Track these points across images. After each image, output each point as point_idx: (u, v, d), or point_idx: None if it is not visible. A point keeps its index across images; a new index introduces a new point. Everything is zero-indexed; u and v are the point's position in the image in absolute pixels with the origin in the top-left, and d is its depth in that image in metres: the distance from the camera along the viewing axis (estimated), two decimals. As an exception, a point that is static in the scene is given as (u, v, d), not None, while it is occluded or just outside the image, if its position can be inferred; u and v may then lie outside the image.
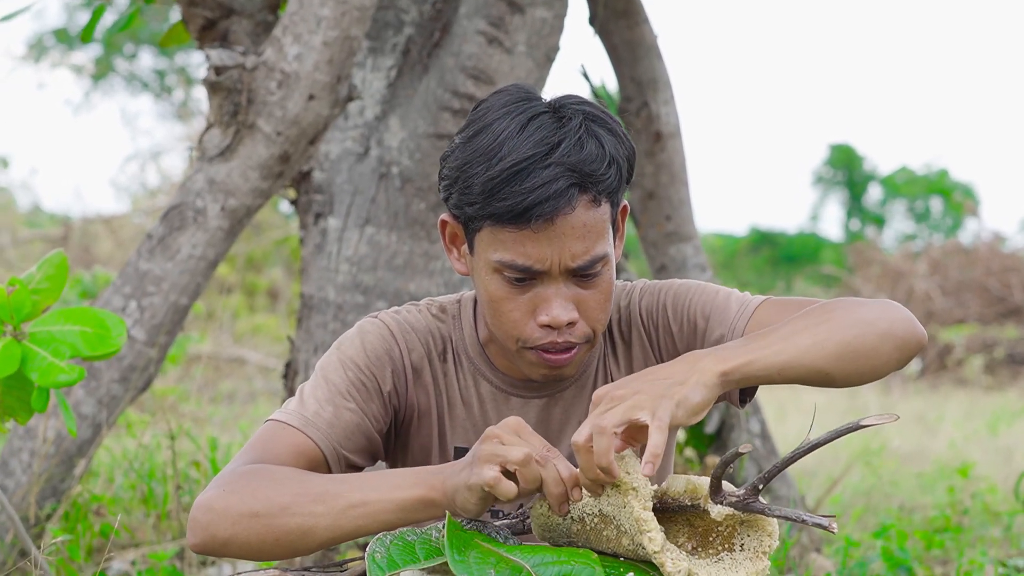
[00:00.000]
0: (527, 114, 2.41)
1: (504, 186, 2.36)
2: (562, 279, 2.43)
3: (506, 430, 2.21)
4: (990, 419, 11.04)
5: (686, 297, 2.65)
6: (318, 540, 2.30)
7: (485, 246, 2.44)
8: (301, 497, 2.29)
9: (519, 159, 2.36)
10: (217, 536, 2.31)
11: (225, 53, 4.34)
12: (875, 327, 2.37)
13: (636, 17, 5.58)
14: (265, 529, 2.29)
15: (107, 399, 4.41)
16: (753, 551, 2.24)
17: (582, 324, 2.47)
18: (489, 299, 2.48)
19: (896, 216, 38.08)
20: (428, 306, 2.71)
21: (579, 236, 2.39)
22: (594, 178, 2.38)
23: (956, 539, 5.54)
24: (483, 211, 2.39)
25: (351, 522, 2.28)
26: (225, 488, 2.35)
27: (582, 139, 2.39)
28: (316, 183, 5.06)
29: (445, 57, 4.97)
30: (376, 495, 2.27)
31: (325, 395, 2.53)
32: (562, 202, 2.35)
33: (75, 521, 4.49)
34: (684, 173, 5.68)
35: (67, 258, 3.37)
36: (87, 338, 3.29)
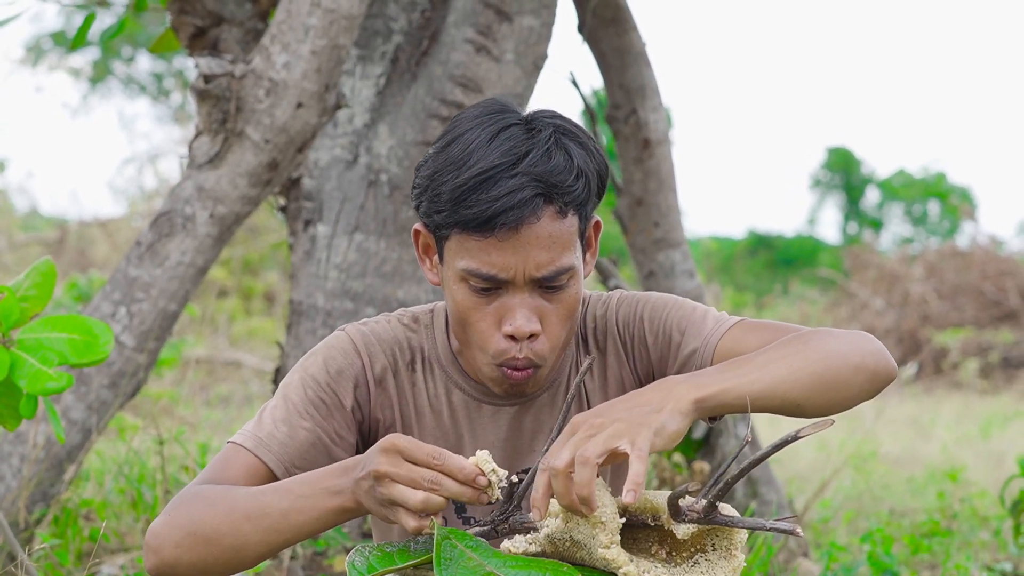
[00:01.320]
0: (498, 125, 2.44)
1: (471, 194, 2.38)
2: (527, 289, 2.45)
3: (391, 462, 2.22)
4: (983, 423, 11.04)
5: (663, 310, 2.67)
6: (252, 556, 2.37)
7: (453, 254, 2.47)
8: (230, 516, 2.36)
9: (486, 167, 2.38)
10: (165, 560, 2.39)
11: (214, 61, 4.37)
12: (848, 359, 2.41)
13: (624, 25, 5.60)
14: (204, 550, 2.37)
15: (97, 405, 4.43)
16: (725, 548, 2.27)
17: (542, 340, 2.49)
18: (456, 308, 2.51)
19: (893, 219, 38.09)
20: (400, 316, 2.73)
21: (544, 246, 2.41)
22: (560, 189, 2.41)
23: (944, 544, 5.56)
24: (450, 219, 2.41)
25: (279, 536, 2.35)
26: (169, 512, 2.42)
27: (550, 150, 2.41)
28: (305, 190, 5.08)
29: (433, 65, 4.99)
30: (297, 506, 2.32)
31: (282, 415, 2.57)
32: (527, 211, 2.38)
33: (64, 526, 4.51)
34: (672, 180, 5.69)
35: (55, 265, 3.39)
36: (75, 345, 3.30)
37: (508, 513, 2.37)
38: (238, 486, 2.43)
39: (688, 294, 5.61)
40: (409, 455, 2.21)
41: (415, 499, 2.19)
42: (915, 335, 16.36)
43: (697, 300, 5.58)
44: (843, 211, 38.58)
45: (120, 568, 4.48)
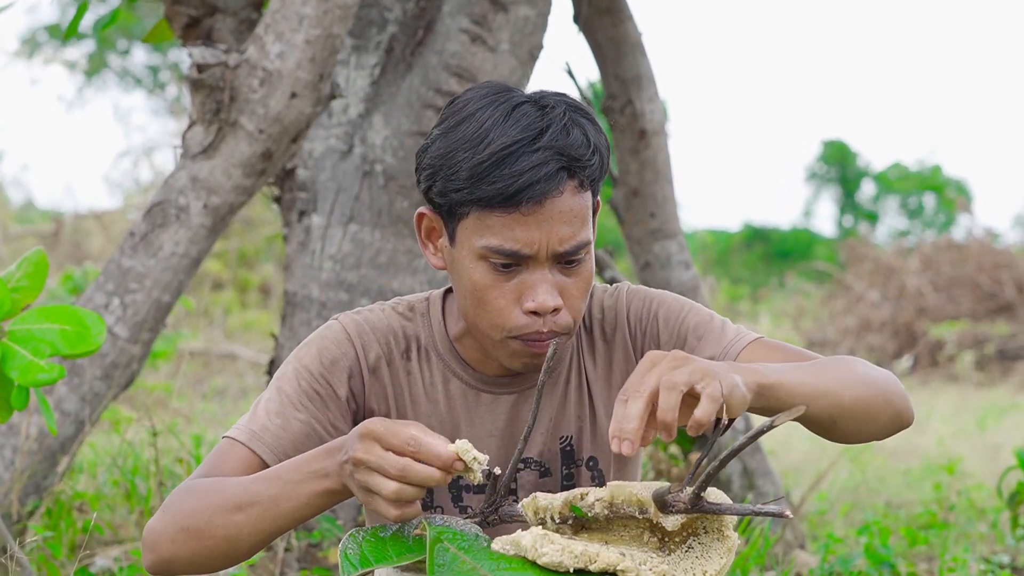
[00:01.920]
0: (509, 103, 2.44)
1: (493, 170, 2.37)
2: (548, 265, 2.44)
3: (365, 448, 2.19)
4: (979, 415, 11.03)
5: (680, 312, 2.67)
6: (245, 546, 2.35)
7: (470, 233, 2.45)
8: (222, 507, 2.34)
9: (507, 143, 2.38)
10: (162, 556, 2.38)
11: (207, 51, 4.35)
12: (883, 393, 2.44)
13: (620, 14, 5.57)
14: (198, 543, 2.35)
15: (90, 396, 4.41)
16: (716, 530, 2.25)
17: (564, 313, 2.48)
18: (473, 288, 2.48)
19: (889, 212, 38.11)
20: (395, 305, 2.71)
21: (566, 220, 2.41)
22: (581, 163, 2.41)
23: (941, 536, 5.55)
24: (471, 196, 2.40)
25: (271, 524, 2.33)
26: (164, 509, 2.41)
27: (567, 126, 2.42)
28: (300, 181, 5.06)
29: (428, 55, 4.97)
30: (286, 492, 2.30)
31: (276, 407, 2.55)
32: (551, 185, 2.37)
33: (57, 518, 4.49)
34: (668, 170, 5.68)
35: (47, 256, 3.38)
36: (67, 336, 3.30)
37: (497, 504, 2.35)
38: (230, 478, 2.41)
39: (684, 285, 5.59)
40: (385, 442, 2.17)
41: (388, 489, 2.16)
42: (911, 328, 16.35)
43: (693, 291, 5.59)
44: (839, 204, 38.60)
45: (114, 560, 4.46)
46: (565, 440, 2.70)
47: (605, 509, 2.24)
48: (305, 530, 4.77)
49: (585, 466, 2.72)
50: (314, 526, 4.76)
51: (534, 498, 2.29)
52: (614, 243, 12.40)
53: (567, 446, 2.70)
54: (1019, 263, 17.02)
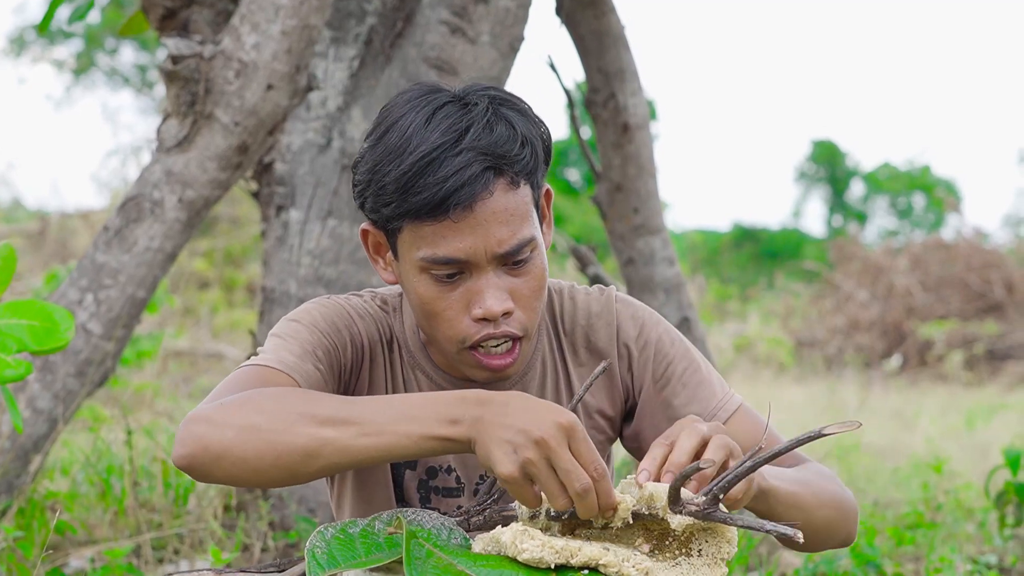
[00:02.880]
0: (432, 106, 2.35)
1: (417, 179, 2.30)
2: (491, 268, 2.36)
3: (559, 440, 2.06)
4: (967, 415, 11.02)
5: (670, 351, 2.63)
6: (318, 465, 2.15)
7: (408, 246, 2.38)
8: (310, 416, 2.14)
9: (429, 149, 2.30)
10: (210, 448, 2.14)
11: (182, 42, 4.29)
12: (845, 520, 2.54)
13: (603, 7, 5.51)
14: (266, 445, 2.13)
15: (63, 393, 4.35)
16: (711, 557, 2.18)
17: (518, 315, 2.40)
18: (420, 302, 2.41)
19: (878, 212, 38.21)
20: (372, 297, 2.64)
21: (502, 221, 2.34)
22: (508, 159, 2.33)
23: (928, 536, 5.50)
24: (400, 209, 2.32)
25: (362, 450, 2.13)
26: (224, 402, 2.20)
27: (491, 122, 2.34)
28: (278, 175, 4.99)
29: (408, 47, 4.90)
30: (400, 424, 2.12)
31: (298, 351, 2.41)
32: (478, 187, 2.30)
33: (30, 518, 4.42)
34: (652, 165, 5.61)
35: (15, 251, 3.31)
36: (35, 332, 3.23)
37: (486, 506, 2.30)
38: (315, 391, 2.24)
39: (668, 281, 5.54)
40: (576, 449, 2.06)
41: (558, 499, 2.07)
42: (900, 327, 16.35)
43: (677, 288, 5.54)
44: (828, 204, 38.71)
45: (88, 561, 4.40)
46: None
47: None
48: (283, 530, 4.72)
49: None
50: (291, 525, 4.71)
51: None
52: (600, 242, 12.39)
53: None
54: (1008, 263, 17.06)
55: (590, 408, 2.65)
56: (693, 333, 5.44)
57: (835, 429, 2.05)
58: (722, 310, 20.25)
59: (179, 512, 4.71)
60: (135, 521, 4.54)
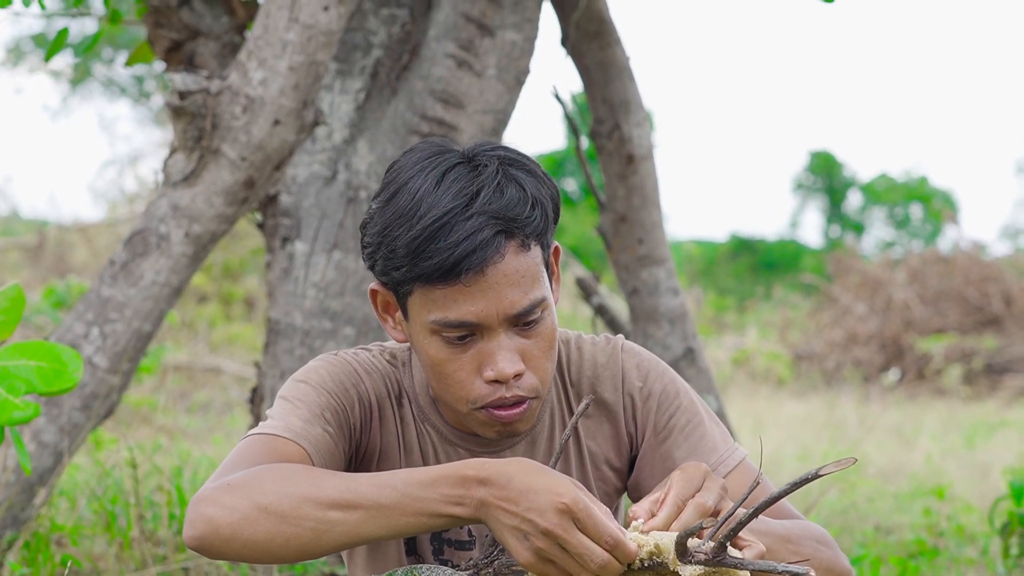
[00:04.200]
0: (441, 168, 2.35)
1: (428, 244, 2.30)
2: (503, 330, 2.37)
3: (564, 527, 2.09)
4: (968, 432, 11.00)
5: (673, 403, 2.63)
6: (330, 545, 2.18)
7: (419, 309, 2.38)
8: (315, 499, 2.16)
9: (440, 214, 2.30)
10: (220, 531, 2.17)
11: (189, 78, 4.28)
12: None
13: (608, 38, 5.51)
14: (275, 528, 2.16)
15: (68, 427, 4.34)
16: None
17: (528, 376, 2.40)
18: (431, 363, 2.41)
19: (876, 223, 38.18)
20: (380, 351, 2.63)
21: (513, 283, 2.34)
22: (519, 222, 2.33)
23: (931, 563, 5.50)
24: (411, 273, 2.33)
25: (372, 531, 2.16)
26: (231, 483, 2.21)
27: (501, 184, 2.34)
28: (283, 207, 4.99)
29: (414, 80, 4.90)
30: (403, 505, 2.15)
31: (306, 415, 2.42)
32: (490, 251, 2.30)
33: (35, 551, 4.42)
34: (656, 195, 5.61)
35: (23, 291, 3.31)
36: (43, 373, 3.22)
37: (493, 557, 2.30)
38: (322, 469, 2.25)
39: (672, 312, 5.53)
40: (584, 527, 2.09)
41: (574, 571, 2.11)
42: (898, 341, 16.33)
43: (682, 318, 5.54)
44: (825, 215, 38.66)
45: (93, 594, 4.40)
46: None
47: None
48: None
49: None
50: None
51: None
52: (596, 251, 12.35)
53: None
54: (1006, 276, 17.03)
55: (597, 459, 2.65)
56: (698, 364, 5.44)
57: (832, 469, 2.07)
58: (719, 322, 20.23)
59: (184, 545, 4.70)
60: (140, 554, 4.53)
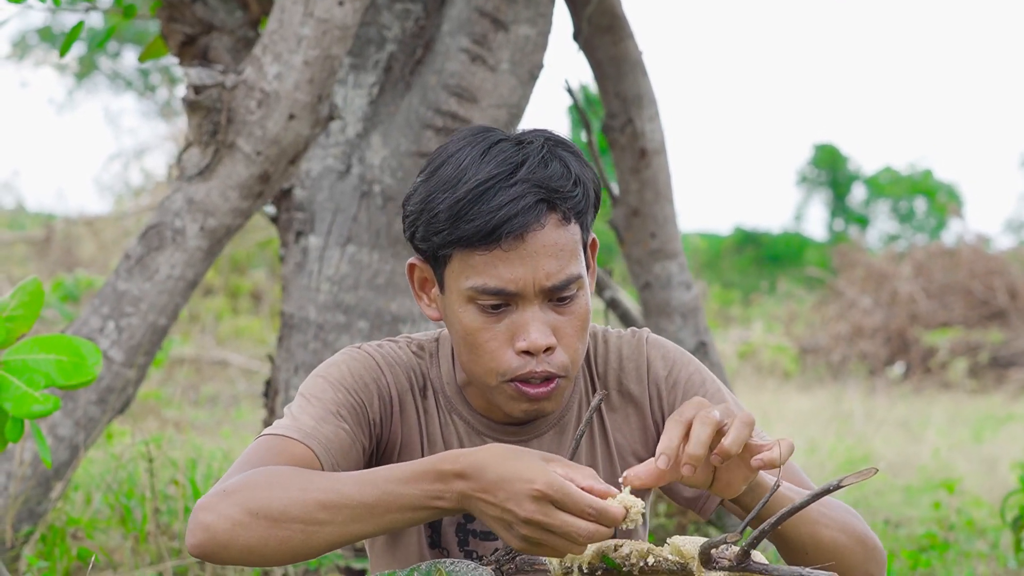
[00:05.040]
0: (487, 142, 2.39)
1: (470, 207, 2.33)
2: (538, 302, 2.38)
3: (543, 511, 2.09)
4: (975, 426, 11.00)
5: (700, 389, 2.64)
6: (322, 545, 2.20)
7: (456, 276, 2.40)
8: (303, 500, 2.19)
9: (483, 179, 2.33)
10: (217, 537, 2.20)
11: (204, 72, 4.29)
12: (865, 547, 2.48)
13: (620, 33, 5.51)
14: (268, 532, 2.19)
15: (84, 421, 4.35)
16: None
17: (560, 352, 2.41)
18: (464, 333, 2.42)
19: (880, 216, 38.15)
20: (407, 343, 2.64)
21: (551, 255, 2.36)
22: (561, 195, 2.36)
23: (942, 557, 5.51)
24: (451, 236, 2.35)
25: (359, 529, 2.19)
26: (227, 488, 2.24)
27: (545, 158, 2.37)
28: (297, 201, 5.00)
29: (428, 74, 4.91)
30: (386, 502, 2.17)
31: (320, 413, 2.43)
32: (531, 217, 2.33)
33: (52, 545, 4.43)
34: (669, 190, 5.62)
35: (42, 284, 3.32)
36: (62, 367, 3.23)
37: (515, 553, 2.30)
38: (310, 470, 2.27)
39: (684, 306, 5.54)
40: (563, 506, 2.08)
41: (577, 550, 2.11)
42: (903, 334, 16.33)
43: (694, 312, 5.54)
44: (829, 208, 38.63)
45: (109, 587, 4.41)
46: None
47: (640, 561, 2.20)
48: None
49: None
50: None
51: None
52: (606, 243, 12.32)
53: None
54: (1011, 269, 17.01)
55: (624, 450, 2.66)
56: (710, 358, 5.44)
57: (853, 479, 2.08)
58: (725, 315, 20.22)
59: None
60: (156, 548, 4.54)
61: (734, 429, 2.17)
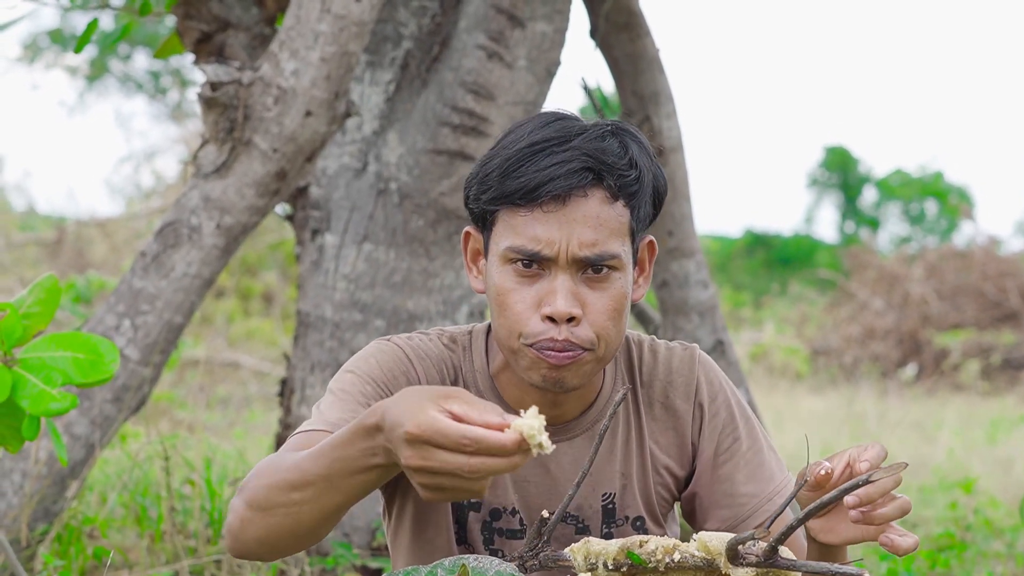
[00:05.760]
0: (554, 117, 2.43)
1: (519, 166, 2.36)
2: (570, 272, 2.38)
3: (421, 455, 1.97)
4: (989, 427, 10.99)
5: (736, 426, 2.64)
6: (307, 524, 2.20)
7: (498, 238, 2.42)
8: (278, 486, 2.20)
9: (536, 140, 2.37)
10: (235, 535, 2.27)
11: (221, 69, 4.27)
12: None
13: (637, 30, 5.49)
14: (263, 522, 2.22)
15: (100, 419, 4.33)
16: None
17: (585, 326, 2.40)
18: (496, 293, 2.43)
19: (891, 218, 38.11)
20: (439, 335, 2.63)
21: (591, 225, 2.36)
22: (611, 170, 2.36)
23: (960, 557, 5.48)
24: (498, 192, 2.38)
25: (329, 501, 2.15)
26: (240, 487, 2.29)
27: (604, 134, 2.39)
28: (313, 199, 4.98)
29: (444, 72, 4.89)
30: (337, 470, 2.12)
31: (348, 406, 2.44)
32: (574, 181, 2.34)
33: (67, 544, 4.41)
34: (686, 188, 5.59)
35: (58, 281, 3.30)
36: (79, 364, 3.21)
37: (538, 549, 2.28)
38: (287, 454, 2.27)
39: (702, 304, 5.52)
40: (438, 443, 1.95)
41: (469, 488, 1.99)
42: (915, 336, 16.30)
43: (711, 311, 5.52)
44: (840, 210, 38.59)
45: (125, 587, 4.39)
46: (607, 497, 2.61)
47: (666, 557, 2.18)
48: (319, 555, 4.70)
49: (631, 525, 2.63)
50: (328, 551, 4.69)
51: (586, 543, 2.23)
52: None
53: (609, 504, 2.62)
54: (1023, 271, 16.97)
55: (658, 463, 2.64)
56: (727, 357, 5.42)
57: (882, 474, 2.07)
58: (736, 318, 20.19)
59: (215, 538, 4.70)
60: (172, 546, 4.52)
61: (892, 507, 2.23)
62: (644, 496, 2.63)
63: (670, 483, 2.66)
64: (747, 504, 2.59)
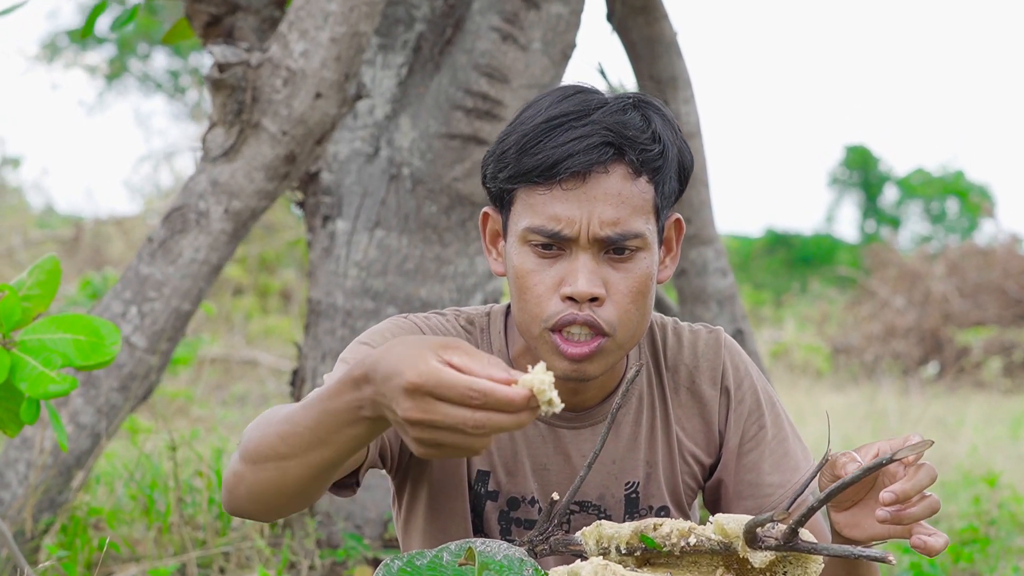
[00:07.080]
0: (574, 90, 2.35)
1: (537, 142, 2.28)
2: (591, 252, 2.29)
3: (421, 407, 1.84)
4: (1011, 424, 10.93)
5: (762, 412, 2.57)
6: (294, 479, 2.09)
7: (517, 219, 2.34)
8: (268, 437, 2.10)
9: (555, 115, 2.28)
10: (229, 490, 2.19)
11: (229, 50, 4.20)
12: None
13: (655, 13, 5.40)
14: (253, 476, 2.13)
15: (106, 408, 4.26)
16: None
17: (608, 307, 2.31)
18: (516, 276, 2.35)
19: (912, 217, 38.05)
20: (455, 316, 2.56)
21: (612, 203, 2.27)
22: (632, 144, 2.27)
23: (984, 551, 5.42)
24: (515, 170, 2.30)
25: (315, 454, 2.04)
26: (238, 447, 2.20)
27: (625, 107, 2.31)
28: (324, 184, 4.90)
29: (458, 54, 4.81)
30: (325, 422, 2.01)
31: None
32: (594, 157, 2.25)
33: (73, 535, 4.34)
34: (705, 174, 5.52)
35: (59, 263, 3.23)
36: (80, 346, 3.14)
37: (549, 533, 2.21)
38: (282, 406, 2.18)
39: (720, 293, 5.45)
40: (441, 395, 1.82)
41: (471, 445, 1.85)
42: (937, 334, 16.25)
43: (730, 299, 5.45)
44: (861, 209, 38.56)
45: (131, 579, 4.32)
46: (631, 486, 2.53)
47: (681, 540, 2.10)
48: (330, 547, 4.63)
49: (654, 515, 2.54)
50: (339, 543, 4.62)
51: (598, 526, 2.16)
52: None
53: (632, 493, 2.54)
54: (1045, 269, 16.94)
55: (685, 450, 2.57)
56: (747, 345, 5.34)
57: (907, 452, 2.00)
58: (757, 316, 20.15)
59: (224, 529, 4.63)
60: (180, 538, 4.45)
61: (922, 507, 2.15)
62: (670, 484, 2.55)
63: (696, 471, 2.59)
64: (772, 495, 2.53)
